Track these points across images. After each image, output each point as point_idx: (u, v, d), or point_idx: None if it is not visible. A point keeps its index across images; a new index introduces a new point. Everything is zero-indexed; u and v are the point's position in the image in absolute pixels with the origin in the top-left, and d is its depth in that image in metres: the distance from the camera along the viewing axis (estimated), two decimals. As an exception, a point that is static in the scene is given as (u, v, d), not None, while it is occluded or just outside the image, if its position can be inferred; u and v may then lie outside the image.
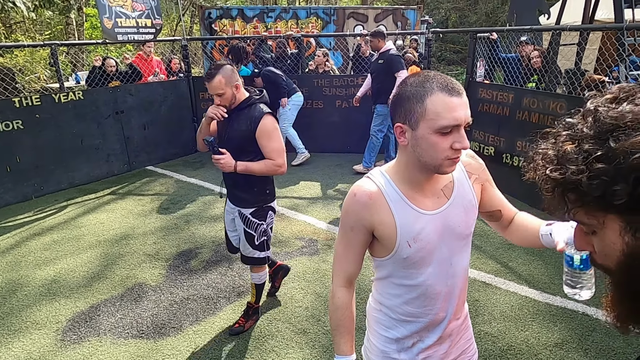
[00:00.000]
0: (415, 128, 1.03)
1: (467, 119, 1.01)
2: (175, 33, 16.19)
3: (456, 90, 1.00)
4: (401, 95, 1.05)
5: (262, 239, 2.57)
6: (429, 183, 1.12)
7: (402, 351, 1.23)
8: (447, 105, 0.99)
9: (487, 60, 5.42)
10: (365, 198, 1.11)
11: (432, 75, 1.03)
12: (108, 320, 2.84)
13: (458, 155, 1.03)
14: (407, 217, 1.10)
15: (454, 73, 15.85)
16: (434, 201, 1.13)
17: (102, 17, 5.42)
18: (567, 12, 5.47)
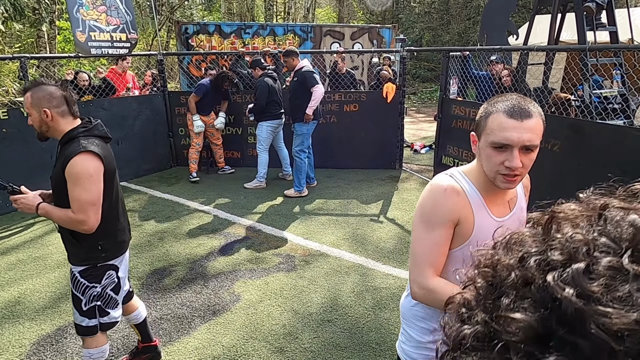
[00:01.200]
0: (479, 139, 1.18)
1: (521, 142, 1.08)
2: (152, 48, 16.05)
3: (518, 114, 1.09)
4: (481, 110, 1.19)
5: (92, 305, 2.05)
6: (500, 192, 1.22)
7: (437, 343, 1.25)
8: (501, 124, 1.10)
9: (459, 78, 5.58)
10: (455, 194, 1.18)
11: (510, 97, 1.13)
12: (75, 343, 2.72)
13: (510, 173, 1.11)
14: (484, 220, 1.20)
15: (428, 90, 16.25)
16: (500, 209, 1.24)
17: (75, 30, 5.32)
18: (534, 33, 5.70)
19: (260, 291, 3.28)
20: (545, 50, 4.99)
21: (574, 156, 3.75)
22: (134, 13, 6.03)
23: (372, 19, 21.28)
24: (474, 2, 16.44)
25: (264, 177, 5.72)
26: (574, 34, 4.80)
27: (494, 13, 5.95)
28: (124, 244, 2.11)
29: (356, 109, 6.22)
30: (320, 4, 26.59)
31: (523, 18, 13.43)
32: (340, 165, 6.39)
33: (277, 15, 22.08)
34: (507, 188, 1.15)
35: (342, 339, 2.73)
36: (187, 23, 10.14)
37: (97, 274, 2.03)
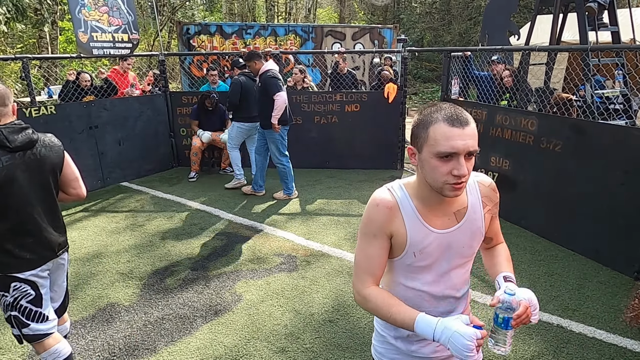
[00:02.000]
0: (420, 151, 1.15)
1: (466, 148, 1.08)
2: (153, 48, 16.07)
3: (459, 122, 1.09)
4: (415, 121, 1.18)
5: (7, 314, 2.01)
6: (442, 204, 1.21)
7: (398, 338, 1.33)
8: (446, 134, 1.08)
9: (461, 78, 5.58)
10: (386, 209, 1.20)
11: (444, 106, 1.13)
12: (78, 343, 2.73)
13: (457, 181, 1.10)
14: (417, 232, 1.20)
15: (429, 91, 16.24)
16: (444, 221, 1.22)
17: (77, 31, 5.34)
18: (535, 34, 5.69)
19: (261, 291, 3.28)
20: (546, 51, 4.99)
21: (576, 156, 3.75)
22: (135, 14, 6.04)
23: (373, 20, 21.29)
24: (475, 2, 16.42)
25: (241, 175, 5.68)
26: (576, 34, 4.79)
27: (495, 13, 5.94)
28: (31, 262, 1.99)
29: (357, 109, 6.23)
30: (322, 5, 26.61)
31: (524, 18, 13.42)
32: (342, 166, 6.40)
33: (278, 15, 22.10)
34: (455, 196, 1.14)
35: (343, 339, 2.73)
36: (189, 23, 10.15)
37: (2, 283, 1.97)
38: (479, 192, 1.27)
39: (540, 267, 3.60)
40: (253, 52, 5.05)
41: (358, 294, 1.26)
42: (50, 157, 2.04)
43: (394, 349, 1.35)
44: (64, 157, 2.12)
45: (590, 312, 2.97)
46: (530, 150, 4.16)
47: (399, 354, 1.34)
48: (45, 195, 2.04)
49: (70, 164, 2.16)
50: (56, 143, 2.11)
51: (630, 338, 2.71)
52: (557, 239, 4.01)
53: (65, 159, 2.13)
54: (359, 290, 1.26)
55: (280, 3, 22.39)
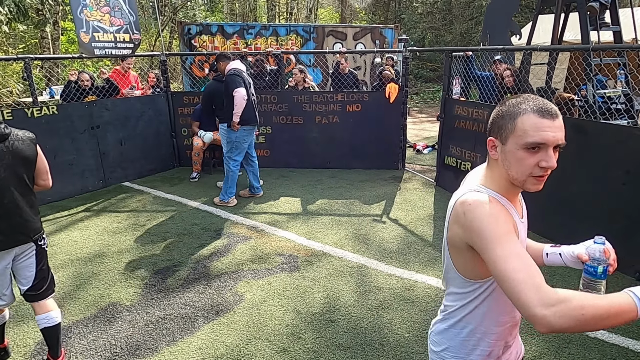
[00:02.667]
0: (505, 142, 1.11)
1: (556, 140, 1.07)
2: (154, 48, 16.09)
3: (549, 113, 1.07)
4: (498, 112, 1.14)
5: None
6: (516, 194, 1.21)
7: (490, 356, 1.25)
8: (536, 125, 1.06)
9: (462, 78, 5.57)
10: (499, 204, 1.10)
11: (530, 97, 1.10)
12: (80, 343, 2.73)
13: (543, 174, 1.08)
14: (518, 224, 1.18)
15: (431, 90, 16.23)
16: (520, 211, 1.24)
17: (79, 31, 5.35)
18: (537, 33, 5.69)
19: (263, 291, 3.29)
20: (548, 50, 4.98)
21: (577, 156, 3.74)
22: (137, 14, 6.05)
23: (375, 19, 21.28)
24: (476, 2, 16.41)
25: None
26: (577, 34, 4.78)
27: (496, 13, 5.93)
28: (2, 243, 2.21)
29: (359, 109, 6.23)
30: (323, 4, 26.61)
31: (526, 18, 13.40)
32: (343, 166, 6.40)
33: (279, 15, 22.10)
34: (536, 190, 1.11)
35: (345, 339, 2.73)
36: (190, 23, 10.16)
37: None
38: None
39: (541, 268, 3.59)
40: (220, 54, 5.07)
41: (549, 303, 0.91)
42: (23, 149, 2.22)
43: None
44: (37, 150, 2.30)
45: (592, 312, 2.97)
46: (531, 150, 4.15)
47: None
48: (18, 184, 2.22)
49: (43, 158, 2.35)
50: (29, 136, 2.30)
51: (632, 338, 2.70)
52: (558, 239, 4.00)
53: (39, 153, 2.31)
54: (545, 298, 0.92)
55: (282, 3, 22.39)
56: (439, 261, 3.68)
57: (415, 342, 2.69)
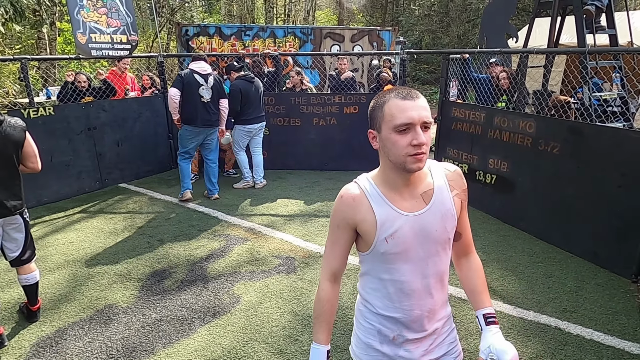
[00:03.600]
0: (380, 131, 1.20)
1: (421, 118, 1.14)
2: (152, 50, 16.07)
3: (410, 96, 1.16)
4: (371, 105, 1.24)
5: None
6: (408, 187, 1.23)
7: (384, 343, 1.32)
8: (400, 107, 1.15)
9: (459, 81, 5.59)
10: (350, 200, 1.25)
11: (395, 88, 1.20)
12: (75, 345, 2.72)
13: (418, 151, 1.14)
14: (386, 216, 1.22)
15: (428, 92, 16.27)
16: (412, 204, 1.23)
17: (76, 32, 5.34)
18: (533, 36, 5.71)
19: (260, 293, 3.28)
20: (544, 53, 5.00)
21: (574, 158, 3.76)
22: (134, 15, 6.05)
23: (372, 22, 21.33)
24: (473, 4, 16.48)
25: (249, 177, 5.78)
26: (574, 37, 4.81)
27: (493, 16, 5.96)
28: None
29: (356, 111, 6.24)
30: (320, 7, 26.66)
31: (523, 21, 13.46)
32: (341, 167, 6.40)
33: (277, 17, 22.13)
34: (418, 168, 1.17)
35: (341, 340, 2.73)
36: (188, 25, 10.15)
37: None
38: (445, 177, 1.29)
39: (539, 269, 3.61)
40: (196, 55, 5.23)
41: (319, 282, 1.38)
42: (13, 135, 2.57)
43: (379, 354, 1.32)
44: (25, 136, 2.64)
45: (588, 314, 2.98)
46: (528, 152, 4.17)
47: (384, 358, 1.32)
48: (6, 164, 2.57)
49: (31, 143, 2.68)
50: (20, 124, 2.62)
51: (627, 340, 2.71)
52: (555, 241, 4.02)
53: (27, 138, 2.65)
54: (320, 279, 1.39)
55: (279, 5, 22.42)
56: (436, 263, 3.68)
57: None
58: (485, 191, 4.76)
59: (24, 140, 2.63)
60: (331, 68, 8.95)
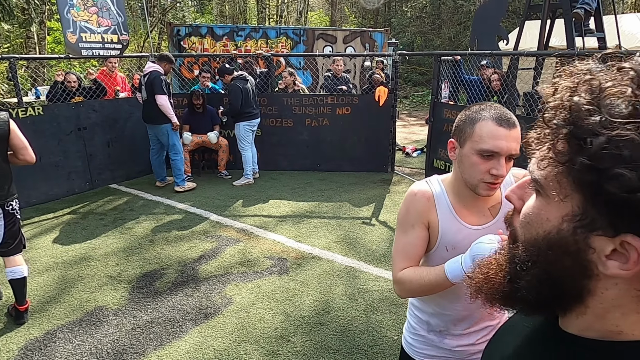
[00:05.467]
0: (462, 146, 1.17)
1: (509, 150, 1.09)
2: (143, 49, 15.96)
3: (506, 122, 1.10)
4: (462, 116, 1.20)
5: None
6: (477, 201, 1.21)
7: (431, 332, 1.36)
8: (492, 132, 1.10)
9: (451, 82, 5.63)
10: (424, 198, 1.24)
11: (494, 106, 1.14)
12: (65, 348, 2.69)
13: (494, 181, 1.11)
14: (450, 227, 1.21)
15: (420, 94, 16.36)
16: (479, 217, 1.22)
17: (66, 31, 5.28)
18: (524, 39, 5.78)
19: (252, 294, 3.27)
20: (535, 56, 5.06)
21: (563, 160, 3.79)
22: (125, 14, 6.00)
23: (364, 23, 21.40)
24: (464, 7, 16.60)
25: (251, 174, 5.92)
26: (563, 40, 4.87)
27: (484, 18, 6.01)
28: None
29: (348, 112, 6.25)
30: (313, 7, 26.68)
31: (513, 23, 13.60)
32: (333, 168, 6.41)
33: (269, 18, 22.10)
34: (488, 195, 1.16)
35: (334, 341, 2.73)
36: (179, 25, 10.10)
37: None
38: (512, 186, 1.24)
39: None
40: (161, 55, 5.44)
41: (394, 282, 1.25)
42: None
43: (425, 341, 1.38)
44: (9, 130, 2.68)
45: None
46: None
47: (429, 345, 1.37)
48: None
49: (18, 136, 2.74)
50: (2, 119, 2.67)
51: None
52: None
53: (11, 132, 2.69)
54: (394, 277, 1.25)
55: (272, 6, 22.40)
56: (427, 263, 3.70)
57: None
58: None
59: (7, 133, 2.67)
60: (324, 69, 8.97)
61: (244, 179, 5.89)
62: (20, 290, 2.89)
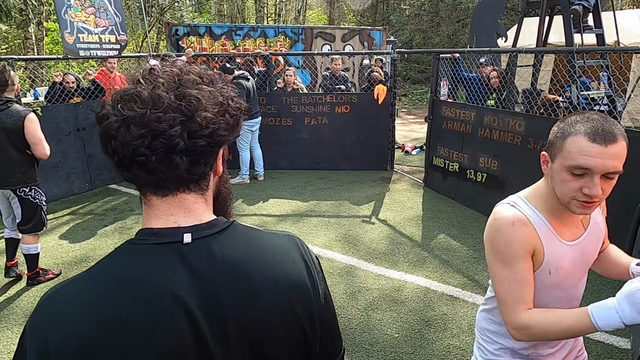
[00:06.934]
0: (552, 161, 1.09)
1: (604, 168, 0.99)
2: (141, 49, 15.94)
3: (601, 138, 0.99)
4: (556, 128, 1.10)
5: None
6: (572, 215, 1.13)
7: (515, 357, 1.24)
8: (583, 149, 1.00)
9: (450, 80, 5.62)
10: (523, 226, 1.10)
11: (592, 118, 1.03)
12: (65, 348, 2.68)
13: (587, 200, 1.03)
14: (554, 247, 1.12)
15: (419, 92, 16.36)
16: (573, 231, 1.15)
17: (64, 32, 5.27)
18: (522, 36, 5.77)
19: (252, 293, 3.26)
20: (533, 53, 5.06)
21: (563, 157, 3.79)
22: (123, 14, 5.99)
23: (363, 21, 21.38)
24: (463, 4, 16.59)
25: (246, 174, 5.92)
26: (562, 37, 4.86)
27: (483, 15, 6.01)
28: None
29: (347, 110, 6.25)
30: (311, 6, 26.65)
31: (512, 20, 13.59)
32: (332, 167, 6.41)
33: (267, 17, 22.08)
34: (582, 214, 1.07)
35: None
36: (178, 25, 10.09)
37: None
38: None
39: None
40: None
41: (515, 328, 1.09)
42: (6, 122, 2.96)
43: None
44: (23, 124, 2.98)
45: (577, 310, 3.01)
46: (518, 150, 4.21)
47: None
48: (7, 145, 3.00)
49: (30, 132, 3.01)
50: (17, 114, 2.98)
51: (616, 335, 2.75)
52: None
53: (25, 126, 2.99)
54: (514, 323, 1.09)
55: (270, 4, 22.37)
56: (427, 261, 3.70)
57: (404, 342, 2.70)
58: (475, 189, 4.80)
59: (19, 128, 2.97)
60: (322, 68, 8.95)
61: (239, 178, 5.90)
62: (30, 262, 3.37)
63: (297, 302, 0.70)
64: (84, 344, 0.59)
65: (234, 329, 0.65)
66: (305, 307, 0.71)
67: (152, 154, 0.61)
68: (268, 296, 0.67)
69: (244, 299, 0.66)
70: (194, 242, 0.65)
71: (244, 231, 0.72)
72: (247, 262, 0.68)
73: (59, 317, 0.61)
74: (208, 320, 0.63)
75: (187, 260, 0.64)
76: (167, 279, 0.62)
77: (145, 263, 0.63)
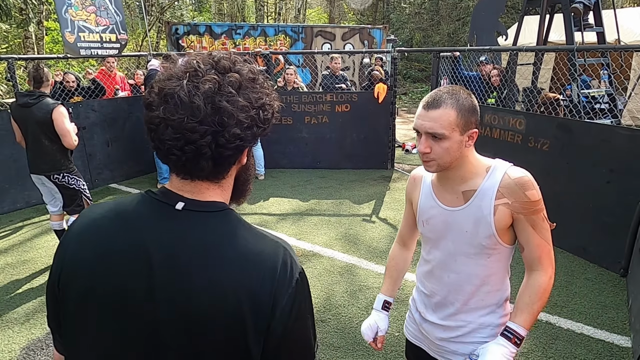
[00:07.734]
0: None
1: (424, 129, 1.19)
2: (141, 48, 15.94)
3: (428, 105, 1.20)
4: None
5: None
6: (449, 181, 1.28)
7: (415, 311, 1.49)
8: (417, 112, 1.23)
9: (450, 78, 5.62)
10: (411, 179, 1.45)
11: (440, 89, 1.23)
12: (66, 347, 2.69)
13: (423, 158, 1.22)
14: (426, 202, 1.35)
15: (419, 90, 16.34)
16: (453, 199, 1.28)
17: (64, 31, 5.27)
18: (523, 34, 5.76)
19: (253, 292, 3.27)
20: (534, 51, 5.05)
21: (563, 155, 3.80)
22: (123, 13, 5.99)
23: (363, 20, 21.35)
24: (463, 3, 16.57)
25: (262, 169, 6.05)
26: (562, 35, 4.86)
27: (483, 14, 6.00)
28: (30, 167, 3.44)
29: (348, 109, 6.24)
30: (311, 5, 26.62)
31: (512, 19, 13.57)
32: (333, 166, 6.41)
33: (267, 15, 22.06)
34: (428, 171, 1.27)
35: (335, 338, 2.74)
36: (178, 23, 10.09)
37: None
38: (499, 182, 1.20)
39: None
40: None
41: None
42: (36, 114, 3.22)
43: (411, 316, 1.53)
44: (51, 116, 3.22)
45: (578, 309, 3.02)
46: (518, 149, 4.20)
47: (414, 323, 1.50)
48: (35, 135, 3.29)
49: (59, 123, 3.24)
50: (47, 107, 3.24)
51: (617, 334, 2.75)
52: (545, 237, 4.05)
53: (54, 118, 3.22)
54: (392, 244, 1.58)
55: (270, 3, 22.35)
56: (428, 260, 3.70)
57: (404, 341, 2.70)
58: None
59: (49, 120, 3.21)
60: (323, 66, 8.95)
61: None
62: (60, 235, 3.70)
63: (247, 310, 0.69)
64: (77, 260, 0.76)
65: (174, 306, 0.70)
66: (257, 318, 0.70)
67: (183, 155, 0.70)
68: (215, 292, 0.69)
69: (190, 284, 0.70)
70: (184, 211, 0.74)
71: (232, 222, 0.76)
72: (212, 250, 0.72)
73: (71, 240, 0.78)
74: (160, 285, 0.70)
75: (171, 223, 0.73)
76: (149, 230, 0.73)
77: (142, 210, 0.76)
